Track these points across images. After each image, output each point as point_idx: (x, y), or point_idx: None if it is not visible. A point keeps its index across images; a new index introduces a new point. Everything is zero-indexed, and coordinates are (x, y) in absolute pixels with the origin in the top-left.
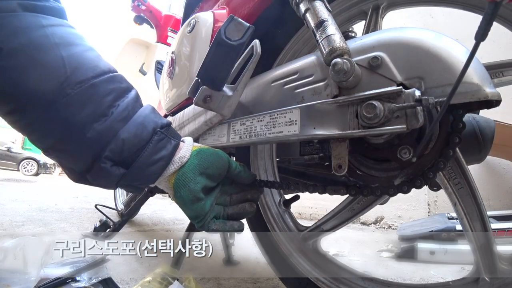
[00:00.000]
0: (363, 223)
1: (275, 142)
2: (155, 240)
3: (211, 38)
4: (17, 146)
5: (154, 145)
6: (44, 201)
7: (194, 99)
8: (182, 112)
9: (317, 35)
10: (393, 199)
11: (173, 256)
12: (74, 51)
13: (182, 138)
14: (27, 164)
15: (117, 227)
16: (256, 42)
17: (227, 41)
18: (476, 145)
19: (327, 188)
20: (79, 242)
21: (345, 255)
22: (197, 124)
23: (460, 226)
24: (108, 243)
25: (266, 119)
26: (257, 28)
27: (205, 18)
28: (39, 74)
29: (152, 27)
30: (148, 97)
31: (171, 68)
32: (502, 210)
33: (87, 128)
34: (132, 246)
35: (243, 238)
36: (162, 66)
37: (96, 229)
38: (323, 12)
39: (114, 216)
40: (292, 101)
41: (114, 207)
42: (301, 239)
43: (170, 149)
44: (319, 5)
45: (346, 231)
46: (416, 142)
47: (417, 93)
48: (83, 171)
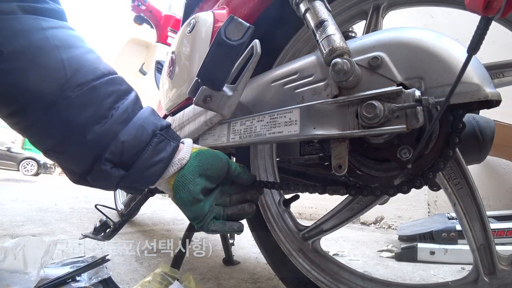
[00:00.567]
0: (363, 223)
1: (275, 142)
2: (155, 240)
3: (211, 38)
4: (17, 146)
5: (154, 147)
6: (44, 201)
7: (194, 99)
8: (182, 112)
9: (317, 35)
10: (393, 199)
11: (173, 256)
12: (74, 53)
13: (182, 140)
14: (27, 164)
15: (117, 227)
16: (256, 42)
17: (227, 41)
18: (476, 145)
19: (327, 188)
20: (79, 242)
21: (345, 255)
22: (197, 124)
23: (460, 226)
24: (108, 243)
25: (266, 119)
26: (257, 28)
27: (205, 18)
28: (39, 76)
29: (152, 27)
30: (148, 97)
31: (171, 68)
32: (502, 210)
33: (88, 130)
34: (132, 246)
35: (243, 238)
36: (162, 66)
37: (96, 229)
38: (323, 12)
39: (114, 216)
40: (292, 101)
41: (114, 207)
42: (300, 239)
43: (169, 151)
44: (319, 5)
45: (346, 231)
46: (416, 142)
47: (417, 93)
48: (83, 173)
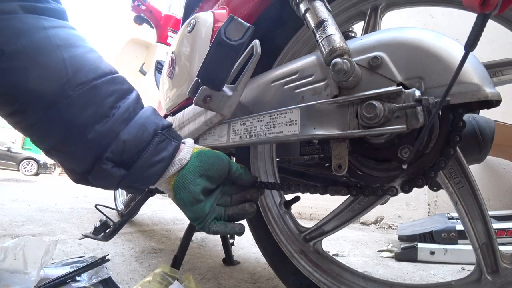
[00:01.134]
0: (363, 223)
1: (275, 142)
2: (155, 240)
3: (211, 38)
4: (17, 146)
5: (155, 147)
6: (44, 201)
7: (194, 99)
8: (182, 112)
9: (317, 35)
10: (393, 199)
11: (173, 256)
12: (75, 52)
13: (183, 140)
14: (27, 164)
15: (117, 227)
16: (256, 42)
17: (227, 41)
18: (476, 145)
19: (328, 188)
20: (79, 242)
21: (345, 255)
22: (197, 124)
23: (460, 226)
24: (108, 243)
25: (266, 119)
26: (257, 28)
27: (205, 18)
28: (40, 75)
29: (152, 27)
30: (148, 97)
31: (171, 68)
32: (502, 210)
33: (89, 129)
34: (132, 246)
35: (243, 238)
36: (162, 66)
37: (96, 229)
38: (323, 12)
39: (114, 216)
40: (292, 101)
41: (114, 207)
42: (302, 240)
43: (170, 151)
44: (319, 5)
45: (346, 231)
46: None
47: (417, 93)
48: (84, 172)
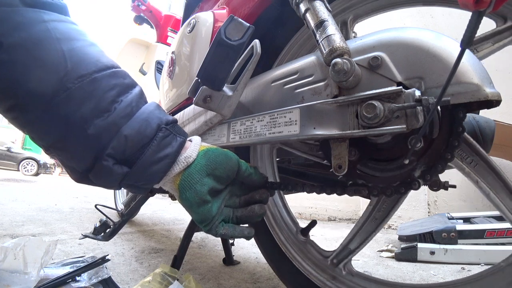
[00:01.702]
0: None
1: (275, 142)
2: (155, 240)
3: (211, 38)
4: (17, 146)
5: (159, 142)
6: (44, 201)
7: (194, 99)
8: (182, 112)
9: (317, 35)
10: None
11: (173, 256)
12: (75, 45)
13: (189, 138)
14: (27, 164)
15: (117, 227)
16: (256, 42)
17: (227, 41)
18: None
19: (347, 188)
20: (79, 242)
21: None
22: (197, 124)
23: (460, 226)
24: (108, 243)
25: (266, 119)
26: (257, 28)
27: (205, 18)
28: (39, 68)
29: (152, 27)
30: (148, 97)
31: (171, 68)
32: None
33: (88, 124)
34: (132, 246)
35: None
36: (162, 66)
37: (96, 229)
38: (323, 12)
39: (114, 216)
40: (292, 101)
41: (114, 207)
42: (330, 266)
43: (175, 147)
44: (319, 5)
45: (346, 231)
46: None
47: (417, 93)
48: (85, 170)
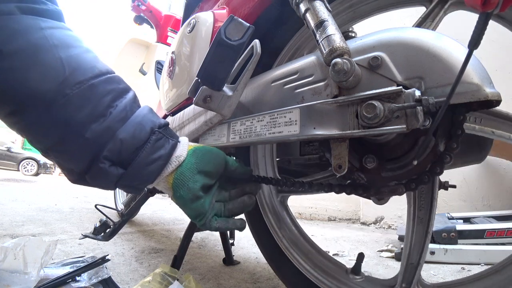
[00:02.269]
0: (363, 223)
1: (275, 142)
2: (155, 240)
3: (211, 38)
4: (17, 146)
5: (152, 145)
6: (44, 201)
7: (194, 99)
8: (182, 112)
9: (317, 35)
10: (393, 199)
11: (173, 256)
12: (72, 52)
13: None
14: (27, 164)
15: (117, 227)
16: (256, 42)
17: (227, 41)
18: (476, 145)
19: (381, 190)
20: (79, 242)
21: (345, 255)
22: (197, 124)
23: (460, 226)
24: (108, 243)
25: (266, 119)
26: (257, 28)
27: (205, 18)
28: (38, 75)
29: (152, 27)
30: (148, 97)
31: (171, 68)
32: (502, 210)
33: (86, 129)
34: (132, 246)
35: (243, 238)
36: (162, 66)
37: (96, 229)
38: (323, 12)
39: (114, 216)
40: (292, 101)
41: (114, 207)
42: None
43: (168, 149)
44: (319, 5)
45: (346, 231)
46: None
47: (417, 93)
48: (82, 172)
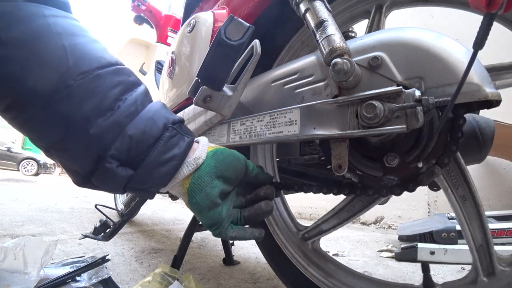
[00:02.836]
0: (363, 223)
1: (275, 142)
2: (155, 240)
3: (211, 38)
4: (17, 146)
5: (165, 142)
6: (44, 201)
7: (194, 99)
8: (182, 112)
9: (317, 35)
10: (393, 199)
11: (173, 256)
12: (77, 41)
13: (196, 138)
14: (27, 164)
15: (117, 227)
16: (256, 42)
17: (227, 41)
18: (476, 145)
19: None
20: (79, 242)
21: (345, 255)
22: (197, 124)
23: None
24: (108, 243)
25: (266, 119)
26: (257, 28)
27: (205, 18)
28: (38, 64)
29: (152, 27)
30: None
31: (171, 68)
32: (502, 210)
33: (91, 123)
34: (132, 246)
35: None
36: (162, 66)
37: (96, 229)
38: (323, 12)
39: (114, 216)
40: (292, 101)
41: (114, 207)
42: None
43: (183, 147)
44: (319, 5)
45: (346, 231)
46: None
47: (417, 93)
48: (87, 173)
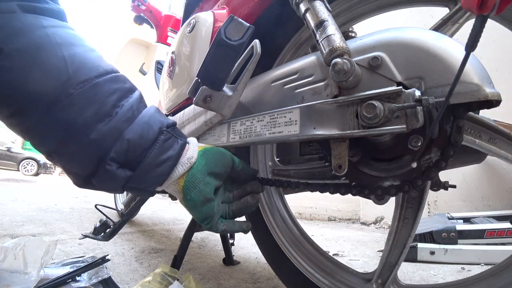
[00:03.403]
0: (363, 223)
1: (275, 142)
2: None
3: (211, 38)
4: (17, 146)
5: (161, 145)
6: (44, 201)
7: (194, 99)
8: (182, 112)
9: (317, 35)
10: (392, 199)
11: (173, 256)
12: (76, 51)
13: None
14: (27, 164)
15: (117, 227)
16: (256, 42)
17: (227, 41)
18: None
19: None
20: (79, 242)
21: (345, 255)
22: (197, 124)
23: (460, 226)
24: (108, 243)
25: (266, 119)
26: (257, 28)
27: (205, 18)
28: (40, 74)
29: (152, 27)
30: (148, 97)
31: (171, 68)
32: (502, 210)
33: (91, 129)
34: (132, 246)
35: (243, 238)
36: (162, 66)
37: (96, 229)
38: (323, 12)
39: (114, 216)
40: (292, 101)
41: (114, 207)
42: None
43: (177, 149)
44: (319, 5)
45: (346, 231)
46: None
47: (417, 93)
48: (88, 175)
